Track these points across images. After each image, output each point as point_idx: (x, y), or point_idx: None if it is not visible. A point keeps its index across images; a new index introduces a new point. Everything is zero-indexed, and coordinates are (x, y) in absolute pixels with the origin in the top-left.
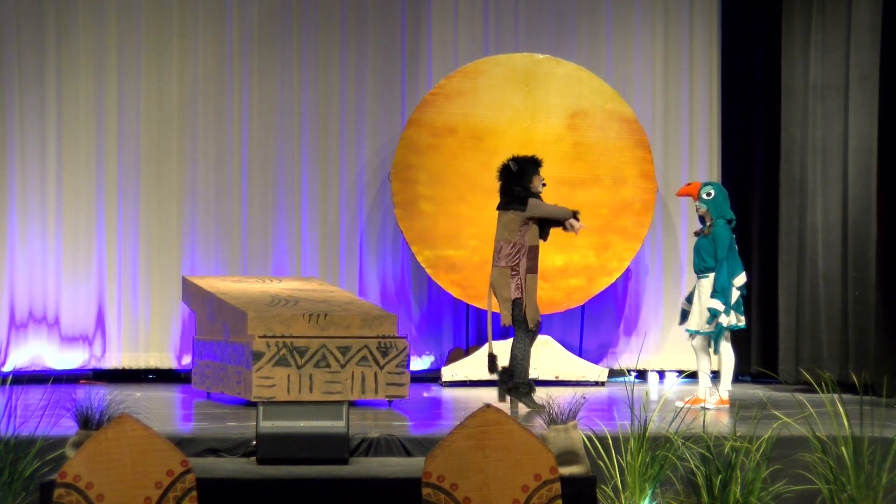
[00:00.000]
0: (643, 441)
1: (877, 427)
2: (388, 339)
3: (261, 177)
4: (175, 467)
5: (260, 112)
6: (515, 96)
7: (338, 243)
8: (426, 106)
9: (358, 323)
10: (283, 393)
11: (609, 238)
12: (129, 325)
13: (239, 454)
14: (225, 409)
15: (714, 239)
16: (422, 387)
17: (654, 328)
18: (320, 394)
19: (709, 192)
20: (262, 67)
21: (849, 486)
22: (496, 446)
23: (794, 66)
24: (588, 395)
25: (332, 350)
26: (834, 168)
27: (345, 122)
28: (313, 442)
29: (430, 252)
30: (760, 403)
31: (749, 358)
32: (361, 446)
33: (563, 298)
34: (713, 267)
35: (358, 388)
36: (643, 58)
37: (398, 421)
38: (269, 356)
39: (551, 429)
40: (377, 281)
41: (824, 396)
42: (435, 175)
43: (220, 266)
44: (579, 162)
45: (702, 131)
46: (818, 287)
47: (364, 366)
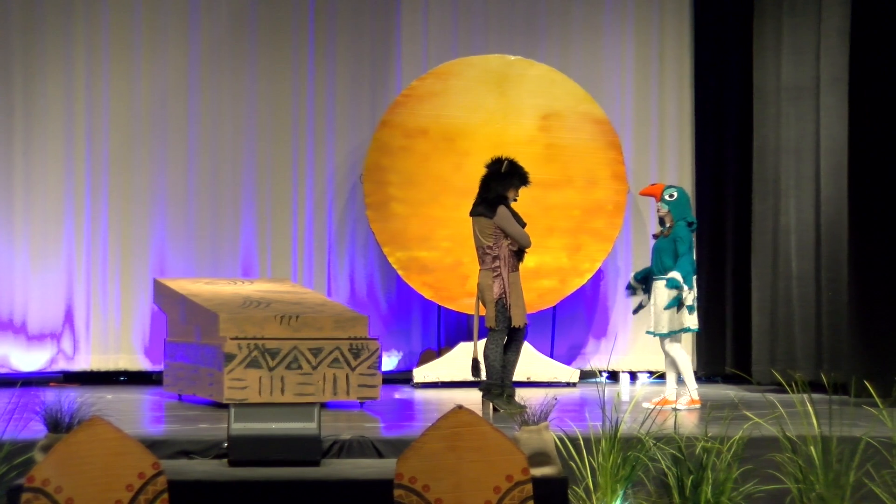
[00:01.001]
0: (615, 442)
1: (846, 426)
2: (359, 340)
3: (231, 179)
4: (146, 470)
5: (230, 113)
6: (488, 98)
7: (309, 245)
8: (398, 107)
9: (330, 325)
10: (255, 395)
11: (581, 239)
12: (99, 326)
13: (211, 456)
14: (197, 410)
15: (675, 239)
16: (393, 388)
17: (624, 329)
18: (292, 395)
19: (672, 195)
20: (232, 69)
21: (817, 485)
22: (468, 448)
23: (765, 67)
24: (560, 396)
25: (303, 352)
26: (807, 169)
27: (316, 123)
28: (285, 444)
29: (403, 254)
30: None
31: (723, 359)
32: (333, 448)
33: (536, 300)
34: (672, 268)
35: (330, 389)
36: (614, 59)
37: (370, 422)
38: (240, 358)
39: (523, 430)
40: (347, 282)
41: (795, 397)
42: (407, 176)
43: (191, 267)
44: (552, 163)
45: (673, 133)
46: (791, 288)
47: (336, 367)
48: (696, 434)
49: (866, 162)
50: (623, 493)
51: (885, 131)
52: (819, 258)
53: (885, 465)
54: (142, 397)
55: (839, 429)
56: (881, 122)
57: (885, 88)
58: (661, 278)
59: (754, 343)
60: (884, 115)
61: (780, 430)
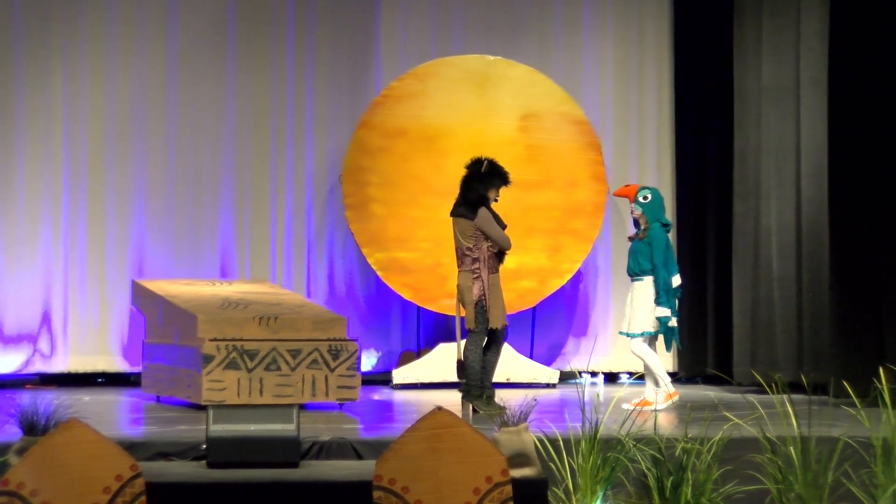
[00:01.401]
0: (594, 443)
1: (824, 427)
2: (338, 341)
3: (210, 179)
4: (124, 472)
5: (209, 113)
6: (467, 98)
7: (288, 246)
8: (377, 108)
9: (309, 326)
10: (234, 396)
11: (561, 240)
12: (76, 328)
13: (189, 458)
14: (175, 412)
15: (650, 242)
16: (372, 389)
17: (604, 330)
18: (271, 397)
19: (646, 196)
20: (211, 68)
21: (796, 485)
22: (448, 449)
23: (746, 68)
24: (539, 397)
25: (282, 353)
26: (788, 170)
27: (295, 123)
28: (264, 445)
29: (382, 254)
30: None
31: (704, 360)
32: (312, 449)
33: (515, 300)
34: (648, 270)
35: (308, 390)
36: (594, 60)
37: (349, 424)
38: (219, 359)
39: (502, 431)
40: (326, 283)
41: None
42: (386, 177)
43: (170, 268)
44: (532, 164)
45: (653, 134)
46: (773, 289)
47: (315, 369)
48: (677, 435)
49: (846, 163)
50: (603, 495)
51: (864, 133)
52: (800, 259)
53: (862, 464)
54: (120, 399)
55: (818, 429)
56: (860, 123)
57: (863, 90)
58: (638, 279)
59: (735, 344)
60: (863, 117)
61: (759, 431)
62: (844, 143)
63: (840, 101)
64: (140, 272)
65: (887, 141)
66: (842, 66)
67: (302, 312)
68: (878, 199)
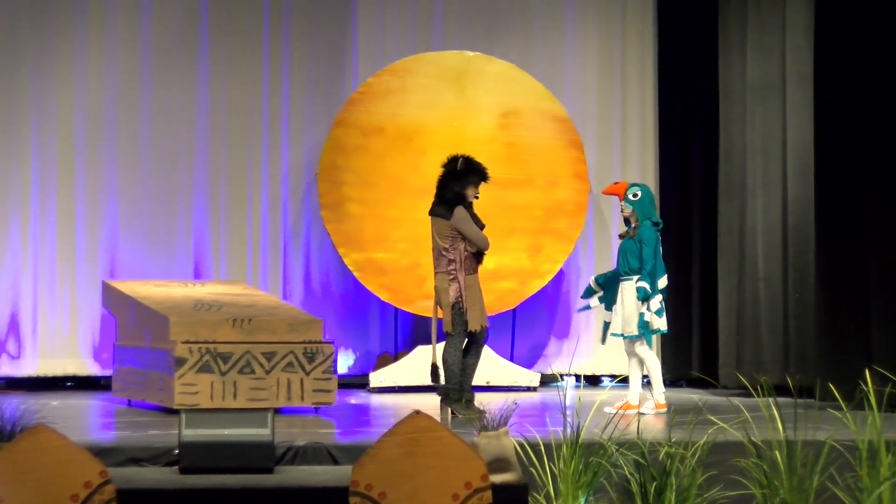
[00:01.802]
0: (576, 447)
1: (810, 430)
2: (314, 344)
3: (183, 178)
4: (93, 478)
5: (182, 111)
6: (446, 95)
7: (264, 246)
8: (353, 105)
9: (284, 328)
10: (207, 400)
11: (542, 240)
12: (46, 330)
13: (161, 463)
14: (146, 416)
15: (640, 240)
16: (349, 393)
17: (587, 332)
18: (245, 401)
19: (635, 194)
20: (185, 65)
21: (782, 489)
22: (426, 454)
23: (731, 65)
24: (520, 400)
25: (256, 356)
26: (774, 169)
27: (270, 121)
28: (238, 450)
29: (358, 255)
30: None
31: (689, 362)
32: (287, 455)
33: (495, 302)
34: (638, 269)
35: (284, 394)
36: (576, 56)
37: (325, 428)
38: (192, 362)
39: (482, 435)
40: (302, 284)
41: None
42: (363, 176)
43: (142, 269)
44: (512, 162)
45: (637, 131)
46: (759, 290)
47: (290, 372)
48: (660, 439)
49: (832, 162)
50: (585, 500)
51: (850, 131)
52: (786, 259)
53: (848, 468)
54: (90, 403)
55: (804, 433)
56: (846, 121)
57: (850, 87)
58: (627, 279)
59: (721, 346)
60: (849, 115)
61: (745, 435)
62: (831, 141)
63: (826, 97)
64: (112, 273)
65: (876, 139)
66: (828, 61)
67: (277, 314)
68: (865, 197)
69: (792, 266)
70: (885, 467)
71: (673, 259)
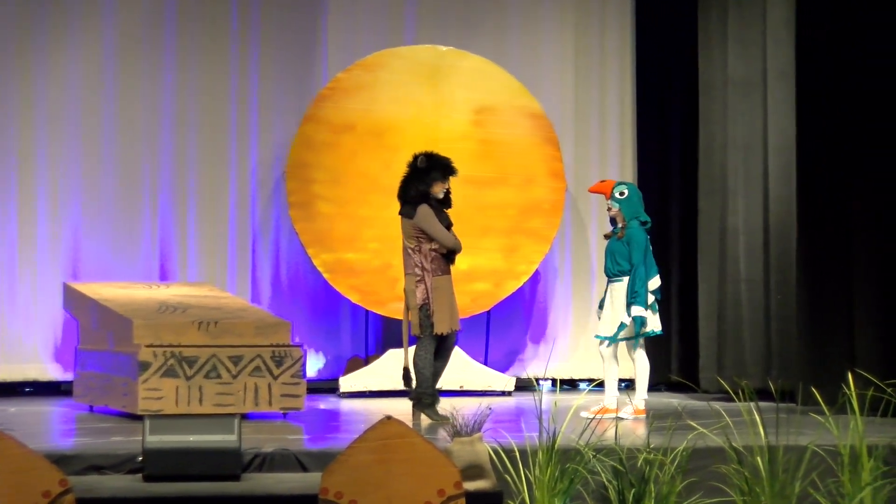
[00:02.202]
0: (552, 454)
1: (792, 435)
2: (282, 347)
3: (147, 176)
4: (52, 487)
5: (146, 106)
6: (418, 91)
7: (229, 247)
8: (323, 101)
9: (251, 331)
10: (172, 405)
11: (517, 240)
12: (4, 334)
13: (124, 471)
14: (109, 422)
15: (629, 241)
16: (318, 398)
17: (564, 334)
18: (211, 406)
19: (622, 192)
20: (149, 58)
21: (763, 496)
22: (398, 460)
23: (711, 60)
24: (494, 405)
25: (223, 360)
26: (755, 167)
27: (238, 116)
28: (203, 457)
29: (328, 255)
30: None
31: (668, 366)
32: (255, 461)
33: (469, 304)
34: (627, 270)
35: (251, 399)
36: (552, 51)
37: (293, 434)
38: (156, 366)
39: (456, 441)
40: (270, 286)
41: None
42: (333, 174)
43: (105, 271)
44: (486, 160)
45: (614, 128)
46: (740, 291)
47: (257, 376)
48: (639, 445)
49: (814, 159)
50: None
51: (833, 127)
52: (768, 260)
53: (830, 473)
54: (50, 409)
55: (786, 438)
56: (829, 117)
57: (833, 82)
58: (617, 280)
59: (701, 349)
60: (832, 110)
61: (725, 441)
62: (813, 138)
63: (808, 93)
64: (74, 274)
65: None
66: (810, 56)
67: (244, 317)
68: (849, 195)
69: (774, 267)
70: (867, 472)
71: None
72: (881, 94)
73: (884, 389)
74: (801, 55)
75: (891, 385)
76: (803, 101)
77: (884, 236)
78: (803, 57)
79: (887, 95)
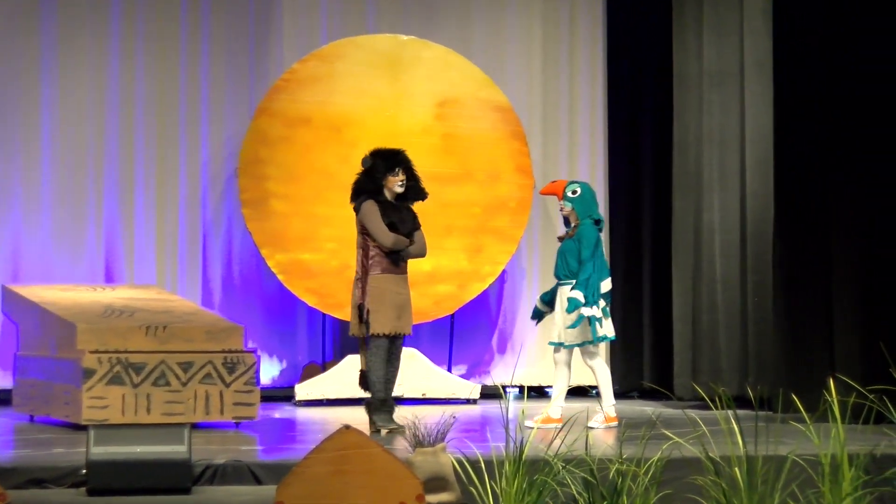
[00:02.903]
0: (519, 464)
1: (771, 445)
2: (235, 353)
3: (90, 174)
4: None
5: (90, 100)
6: (378, 83)
7: (178, 247)
8: (277, 93)
9: (201, 336)
10: (118, 415)
11: (482, 240)
12: None
13: (67, 484)
14: (51, 433)
15: (579, 239)
16: (273, 406)
17: (531, 339)
18: (159, 415)
19: (574, 190)
20: (92, 48)
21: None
22: (357, 472)
23: (686, 50)
24: (459, 414)
25: (172, 366)
26: (731, 162)
27: (185, 111)
28: (152, 469)
29: (283, 256)
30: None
31: (640, 372)
32: (206, 474)
33: (431, 307)
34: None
35: (202, 408)
36: (519, 40)
37: (247, 445)
38: (101, 373)
39: (418, 452)
40: (222, 288)
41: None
42: (288, 170)
43: (48, 272)
44: (449, 155)
45: (584, 121)
46: (716, 293)
47: (208, 383)
48: (610, 455)
49: (792, 155)
50: None
51: (810, 121)
52: (745, 260)
53: (810, 484)
54: None
55: (765, 447)
56: (807, 110)
57: (810, 74)
58: (567, 283)
59: (675, 354)
60: (809, 104)
61: (702, 451)
62: (790, 132)
63: (785, 85)
64: (14, 276)
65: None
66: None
67: (194, 321)
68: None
69: (751, 267)
70: (848, 482)
71: (623, 260)
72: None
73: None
74: (780, 44)
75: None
76: (780, 94)
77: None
78: (781, 46)
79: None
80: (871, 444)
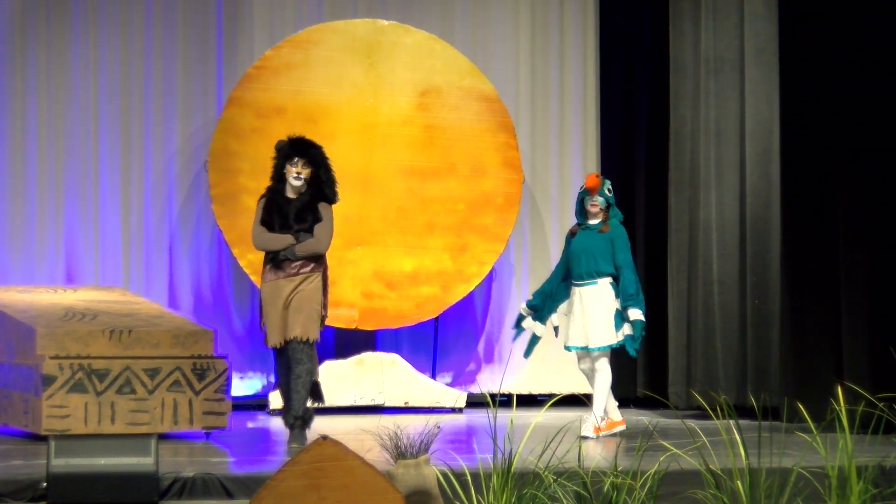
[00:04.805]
0: (508, 477)
1: (775, 456)
2: (204, 359)
3: (50, 169)
4: None
5: (47, 90)
6: (356, 70)
7: (143, 245)
8: (249, 82)
9: (169, 340)
10: (80, 424)
11: (467, 238)
12: None
13: (25, 499)
14: (9, 444)
15: (613, 239)
16: (246, 416)
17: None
18: (124, 425)
19: (610, 188)
20: (49, 35)
21: None
22: (334, 486)
23: (683, 36)
24: (443, 423)
25: (137, 373)
26: (730, 155)
27: (150, 101)
28: (116, 482)
29: (256, 255)
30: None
31: (634, 379)
32: (174, 487)
33: (413, 310)
34: (606, 272)
35: (169, 417)
36: (506, 25)
37: (217, 457)
38: (62, 381)
39: (399, 464)
40: (191, 290)
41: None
42: (260, 164)
43: (4, 273)
44: (431, 148)
45: (576, 111)
46: (713, 295)
47: (176, 391)
48: (604, 468)
49: (800, 146)
50: None
51: (820, 110)
52: (744, 259)
53: (816, 498)
54: None
55: (768, 459)
56: (816, 99)
57: (819, 60)
58: (591, 283)
59: (670, 360)
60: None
61: (701, 463)
62: (799, 123)
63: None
64: None
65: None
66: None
67: (160, 324)
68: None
69: (751, 268)
70: (856, 496)
71: None
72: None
73: (875, 404)
74: (786, 29)
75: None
76: (787, 82)
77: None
78: (787, 31)
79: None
80: (880, 456)
